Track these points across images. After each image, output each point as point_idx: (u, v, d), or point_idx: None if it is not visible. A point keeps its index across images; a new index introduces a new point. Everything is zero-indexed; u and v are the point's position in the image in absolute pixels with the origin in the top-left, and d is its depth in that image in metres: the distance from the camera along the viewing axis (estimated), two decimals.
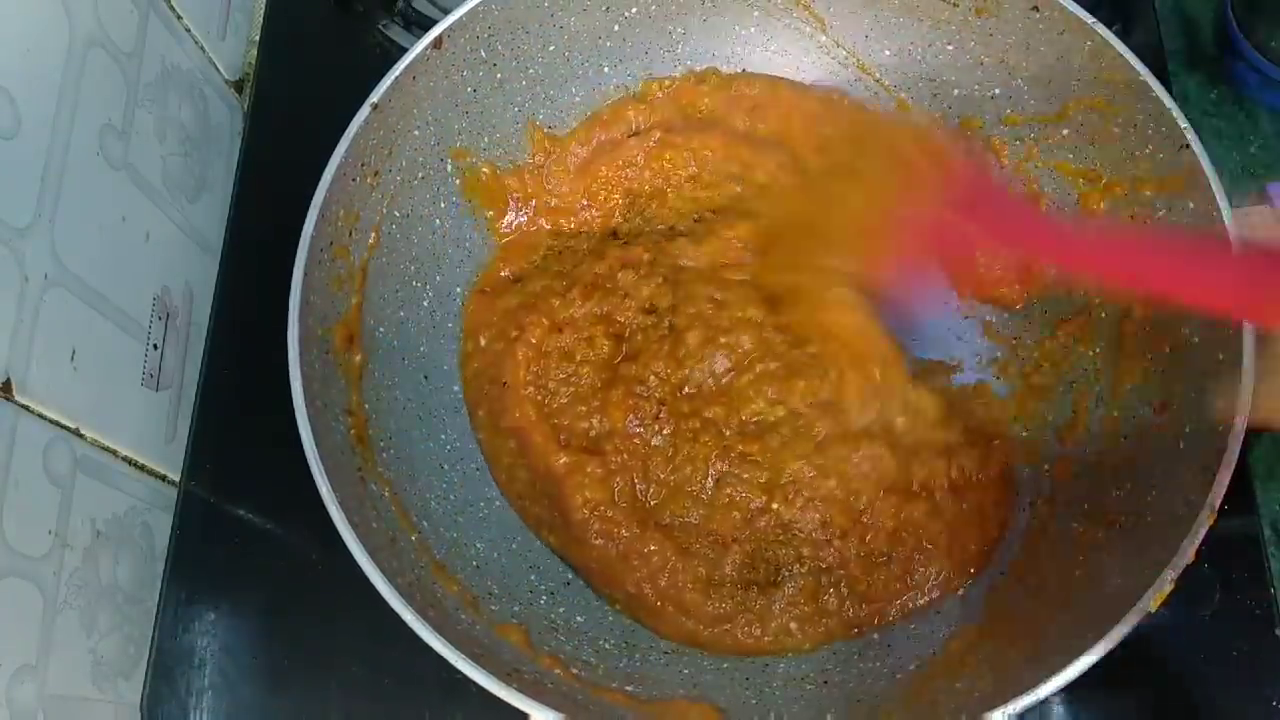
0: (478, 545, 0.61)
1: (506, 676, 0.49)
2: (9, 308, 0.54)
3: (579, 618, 0.60)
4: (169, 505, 0.68)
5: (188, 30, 0.74)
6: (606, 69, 0.71)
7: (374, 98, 0.60)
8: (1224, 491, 0.49)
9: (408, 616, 0.49)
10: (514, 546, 0.62)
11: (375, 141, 0.61)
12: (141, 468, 0.67)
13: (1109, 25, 0.60)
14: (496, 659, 0.53)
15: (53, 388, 0.57)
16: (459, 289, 0.68)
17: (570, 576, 0.62)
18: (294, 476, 0.52)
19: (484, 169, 0.68)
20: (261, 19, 0.82)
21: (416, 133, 0.64)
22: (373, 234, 0.63)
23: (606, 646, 0.59)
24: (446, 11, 0.63)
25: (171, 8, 0.72)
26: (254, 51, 0.83)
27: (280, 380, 0.54)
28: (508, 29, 0.65)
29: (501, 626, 0.56)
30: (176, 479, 0.69)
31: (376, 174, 0.62)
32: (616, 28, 0.69)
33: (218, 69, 0.79)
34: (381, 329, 0.63)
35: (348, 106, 0.60)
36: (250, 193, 0.76)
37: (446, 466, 0.64)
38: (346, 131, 0.59)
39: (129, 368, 0.66)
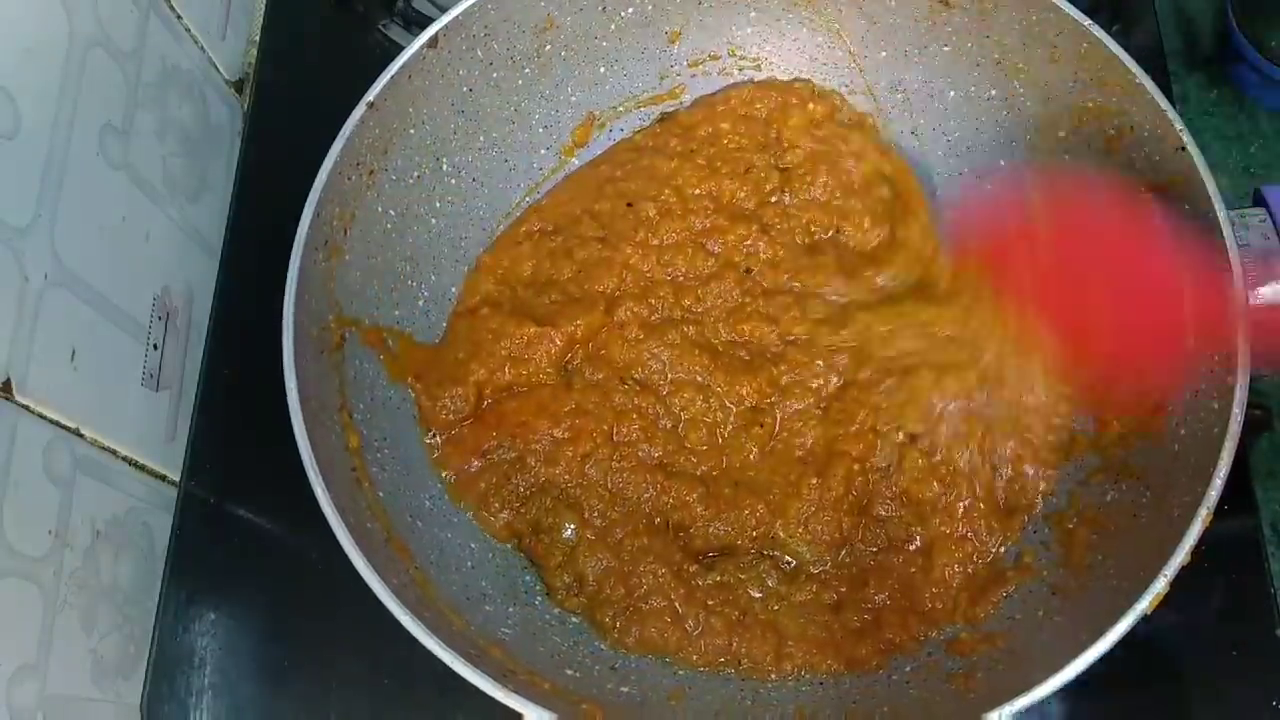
0: (472, 545, 0.61)
1: (502, 677, 0.49)
2: (9, 308, 0.54)
3: (574, 618, 0.60)
4: (169, 505, 0.68)
5: (188, 30, 0.74)
6: (602, 69, 0.71)
7: (370, 96, 0.60)
8: (1220, 493, 0.49)
9: (404, 619, 0.49)
10: (508, 546, 0.62)
11: (371, 140, 0.61)
12: (141, 468, 0.67)
13: (1109, 26, 0.60)
14: (492, 659, 0.53)
15: (53, 388, 0.57)
16: (454, 289, 0.68)
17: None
18: (294, 476, 0.52)
19: None
20: (261, 19, 0.82)
21: (412, 131, 0.64)
22: (367, 233, 0.63)
23: (603, 647, 0.59)
24: (446, 11, 0.64)
25: (171, 8, 0.72)
26: (254, 51, 0.83)
27: (280, 380, 0.54)
28: (503, 28, 0.65)
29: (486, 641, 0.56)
30: (176, 479, 0.69)
31: (372, 173, 0.62)
32: (613, 27, 0.69)
33: (218, 69, 0.79)
34: (376, 327, 0.63)
35: (348, 106, 0.60)
36: (250, 193, 0.76)
37: None
38: (342, 130, 0.59)
39: (129, 368, 0.66)
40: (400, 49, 0.62)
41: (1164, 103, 0.58)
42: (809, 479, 0.61)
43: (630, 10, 0.69)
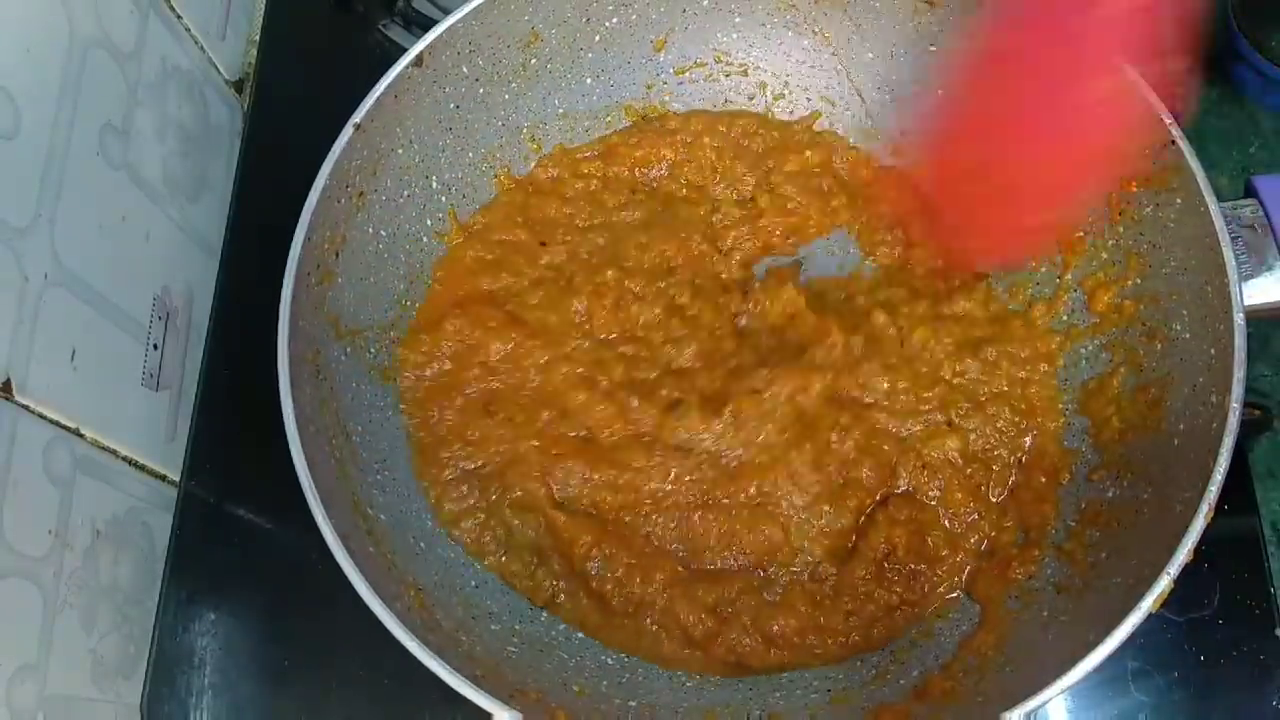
0: (476, 565, 0.61)
1: (509, 697, 0.49)
2: (9, 308, 0.54)
3: (580, 634, 0.60)
4: (169, 505, 0.68)
5: (188, 30, 0.74)
6: (589, 80, 0.71)
7: (357, 117, 0.60)
8: (1220, 488, 0.49)
9: (410, 644, 0.49)
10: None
11: (359, 162, 0.61)
12: (141, 468, 0.67)
13: None
14: (499, 678, 0.53)
15: (53, 388, 0.57)
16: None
17: None
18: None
19: None
20: (261, 19, 0.82)
21: (401, 151, 0.64)
22: (359, 255, 0.62)
23: (609, 662, 0.59)
24: (446, 11, 0.63)
25: (171, 8, 0.72)
26: (254, 51, 0.83)
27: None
28: (488, 44, 0.65)
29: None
30: (176, 479, 0.69)
31: (361, 194, 0.62)
32: (598, 38, 0.69)
33: (218, 69, 0.79)
34: (371, 350, 0.63)
35: (347, 106, 0.60)
36: (250, 193, 0.76)
37: None
38: (330, 153, 0.59)
39: (129, 368, 0.66)
40: (400, 49, 0.62)
41: (1152, 97, 0.58)
42: (823, 505, 0.61)
43: (614, 20, 0.69)
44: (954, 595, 0.60)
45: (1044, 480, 0.62)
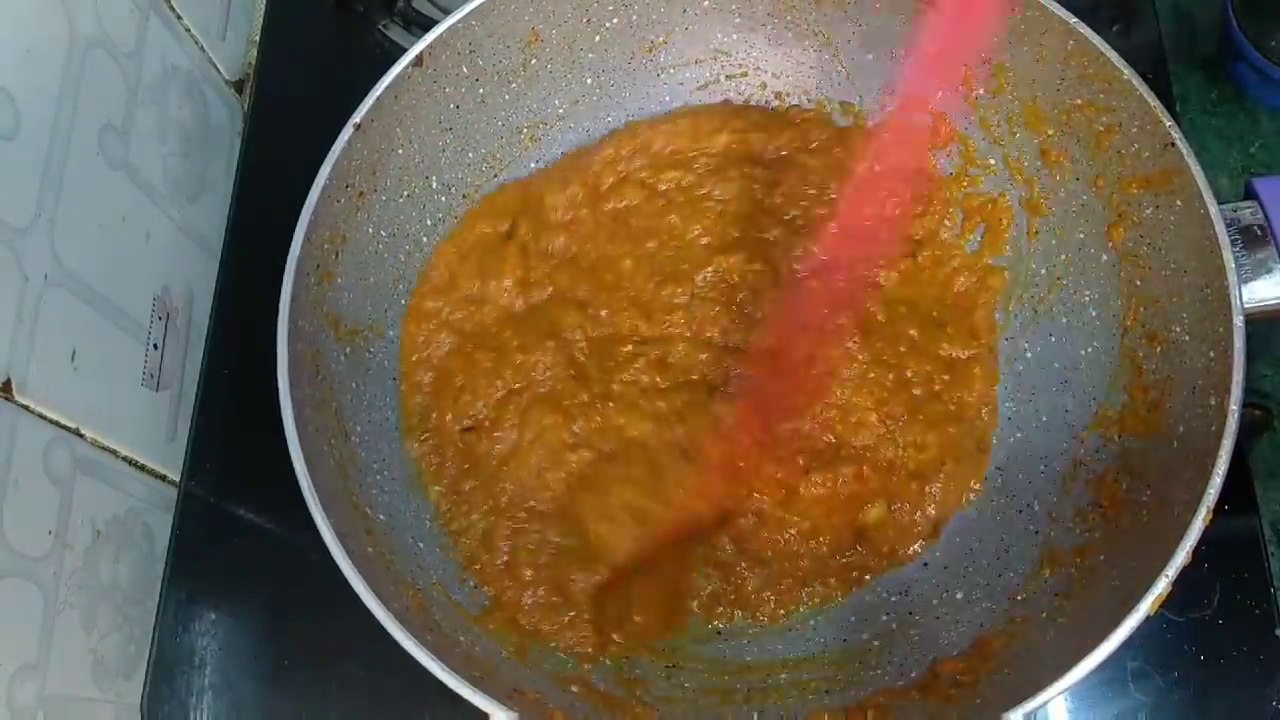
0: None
1: (507, 698, 0.49)
2: (9, 308, 0.54)
3: None
4: (169, 505, 0.69)
5: (188, 30, 0.74)
6: (589, 80, 0.71)
7: (356, 117, 0.60)
8: (1219, 491, 0.49)
9: (408, 644, 0.49)
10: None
11: (359, 162, 0.61)
12: (141, 468, 0.67)
13: (1108, 25, 0.60)
14: (497, 679, 0.53)
15: (53, 388, 0.57)
16: None
17: None
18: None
19: None
20: (261, 19, 0.82)
21: (400, 151, 0.64)
22: (359, 255, 0.63)
23: (607, 663, 0.59)
24: (446, 11, 0.64)
25: (171, 8, 0.72)
26: (254, 51, 0.83)
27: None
28: (488, 44, 0.65)
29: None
30: (176, 479, 0.69)
31: (361, 194, 0.62)
32: (598, 38, 0.69)
33: (218, 69, 0.79)
34: (370, 350, 0.63)
35: (348, 107, 0.60)
36: (250, 193, 0.76)
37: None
38: (330, 153, 0.59)
39: (129, 368, 0.66)
40: (400, 49, 0.62)
41: (1152, 99, 0.57)
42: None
43: (615, 21, 0.69)
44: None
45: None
